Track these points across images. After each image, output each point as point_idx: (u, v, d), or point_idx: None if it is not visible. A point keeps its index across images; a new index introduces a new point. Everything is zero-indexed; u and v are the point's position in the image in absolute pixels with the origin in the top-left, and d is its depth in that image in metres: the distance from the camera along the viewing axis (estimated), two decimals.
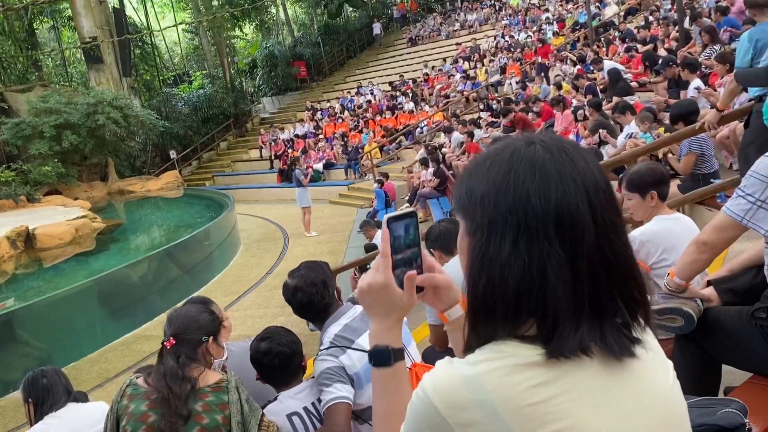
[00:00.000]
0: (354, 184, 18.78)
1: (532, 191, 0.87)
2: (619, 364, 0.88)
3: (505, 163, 0.91)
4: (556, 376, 0.84)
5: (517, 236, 0.87)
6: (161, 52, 36.35)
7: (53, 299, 9.27)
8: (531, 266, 0.86)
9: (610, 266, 0.88)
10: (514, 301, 0.87)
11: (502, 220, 0.88)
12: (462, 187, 0.97)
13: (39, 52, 28.56)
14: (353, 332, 2.42)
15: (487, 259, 0.89)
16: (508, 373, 0.84)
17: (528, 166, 0.89)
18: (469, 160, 1.01)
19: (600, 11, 20.17)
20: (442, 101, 20.54)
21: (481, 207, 0.91)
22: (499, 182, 0.90)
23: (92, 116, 21.39)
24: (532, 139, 0.93)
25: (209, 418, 2.18)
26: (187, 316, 2.38)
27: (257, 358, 2.53)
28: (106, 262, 12.11)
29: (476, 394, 0.84)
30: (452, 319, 1.19)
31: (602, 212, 0.88)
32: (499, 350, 0.88)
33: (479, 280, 0.90)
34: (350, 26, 35.98)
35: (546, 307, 0.86)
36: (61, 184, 21.70)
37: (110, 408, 2.26)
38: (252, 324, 8.54)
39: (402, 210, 1.11)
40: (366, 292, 1.10)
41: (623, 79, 11.00)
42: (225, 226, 14.07)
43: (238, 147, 28.89)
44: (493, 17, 28.56)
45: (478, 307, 0.91)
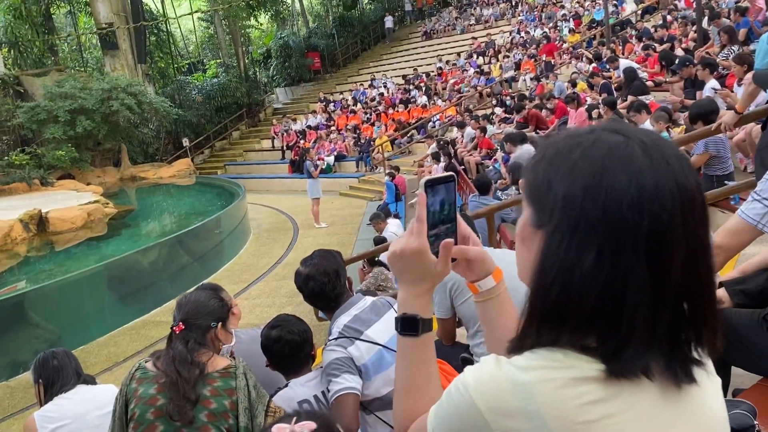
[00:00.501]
0: (365, 177, 18.78)
1: (626, 201, 0.78)
2: (675, 390, 0.82)
3: (598, 162, 0.81)
4: (613, 394, 0.79)
5: (602, 247, 0.78)
6: (176, 39, 36.42)
7: (64, 282, 9.36)
8: (614, 281, 0.78)
9: (693, 290, 0.82)
10: (589, 314, 0.80)
11: (587, 227, 0.79)
12: (538, 174, 0.87)
13: (55, 37, 28.69)
14: (362, 323, 2.42)
15: (566, 265, 0.80)
16: (563, 386, 0.78)
17: (624, 171, 0.79)
18: (549, 144, 0.90)
19: (617, 9, 20.01)
20: (455, 96, 20.47)
21: (563, 206, 0.81)
22: (588, 183, 0.80)
23: (106, 102, 21.50)
24: (629, 135, 0.83)
25: (217, 403, 2.19)
26: (196, 301, 2.39)
27: (268, 345, 2.54)
28: (117, 247, 12.19)
29: (526, 403, 0.78)
30: (483, 290, 1.13)
31: (695, 230, 0.80)
32: (554, 358, 0.81)
33: (553, 286, 0.82)
34: (365, 18, 35.90)
35: (619, 325, 0.79)
36: (74, 168, 21.84)
37: (119, 391, 2.28)
38: (260, 313, 8.58)
39: (440, 174, 1.06)
40: (398, 257, 1.05)
41: (639, 78, 10.92)
42: (236, 215, 14.13)
43: (250, 137, 28.96)
44: (509, 13, 28.41)
45: (546, 313, 0.83)
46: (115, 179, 23.37)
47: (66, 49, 32.06)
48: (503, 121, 14.38)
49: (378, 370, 2.34)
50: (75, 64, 30.64)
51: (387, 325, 2.44)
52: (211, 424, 2.16)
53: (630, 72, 10.98)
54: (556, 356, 0.81)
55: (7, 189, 19.09)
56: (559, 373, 0.79)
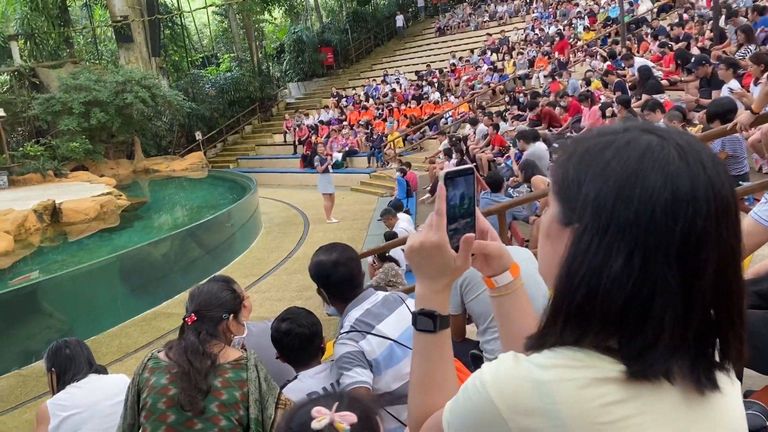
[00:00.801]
0: (376, 173, 18.78)
1: (660, 206, 0.76)
2: (697, 395, 0.81)
3: (633, 163, 0.79)
4: (633, 395, 0.77)
5: (633, 251, 0.77)
6: (190, 33, 36.55)
7: (76, 273, 9.44)
8: (642, 285, 0.77)
9: (722, 297, 0.80)
10: (615, 316, 0.79)
11: (618, 230, 0.78)
12: (569, 171, 0.85)
13: (71, 29, 28.89)
14: (374, 318, 2.42)
15: (595, 267, 0.79)
16: (584, 386, 0.77)
17: (659, 174, 0.77)
18: (580, 140, 0.88)
19: (633, 7, 19.86)
20: (468, 92, 20.41)
21: (594, 207, 0.80)
22: (621, 185, 0.78)
23: (121, 95, 21.64)
24: (664, 136, 0.81)
25: (228, 394, 2.21)
26: (209, 293, 2.40)
27: (278, 338, 2.56)
28: (130, 239, 12.28)
29: (545, 402, 0.77)
30: (500, 285, 1.11)
31: (728, 238, 0.78)
32: (575, 357, 0.80)
33: (579, 287, 0.80)
34: (379, 14, 35.83)
35: (645, 328, 0.78)
36: (88, 160, 22.01)
37: (132, 380, 2.30)
38: (270, 306, 8.61)
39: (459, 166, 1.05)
40: (417, 251, 1.03)
41: (654, 77, 10.84)
42: (247, 209, 14.18)
43: (262, 131, 29.04)
44: (523, 9, 28.26)
45: (571, 313, 0.82)
46: (128, 171, 23.53)
47: (81, 42, 32.25)
48: (516, 119, 14.33)
49: (388, 365, 2.35)
50: (90, 57, 30.82)
51: (398, 320, 2.44)
52: (222, 414, 2.18)
53: (645, 70, 10.90)
54: (576, 355, 0.80)
55: (22, 180, 19.28)
56: (579, 373, 0.78)
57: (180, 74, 32.38)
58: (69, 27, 28.52)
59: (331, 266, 2.46)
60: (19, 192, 17.15)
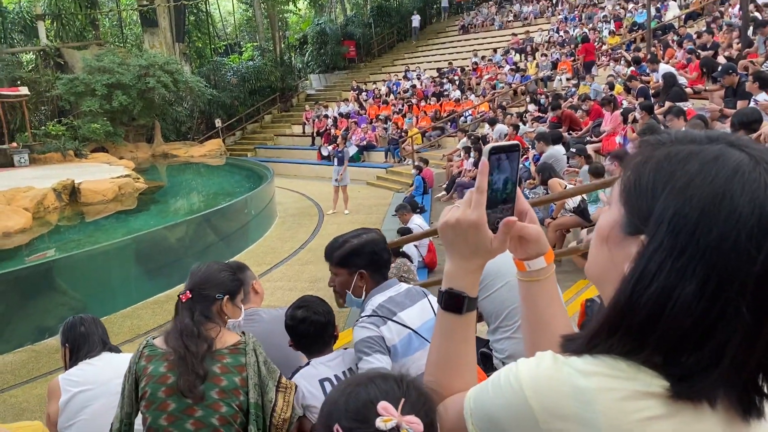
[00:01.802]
0: (392, 168, 18.78)
1: (746, 232, 0.71)
2: (739, 422, 0.78)
3: (721, 182, 0.73)
4: (674, 413, 0.75)
5: (709, 276, 0.72)
6: (215, 20, 36.68)
7: (92, 253, 9.55)
8: (711, 312, 0.73)
9: None
10: (678, 339, 0.75)
11: (696, 253, 0.72)
12: (643, 176, 0.80)
13: (97, 12, 29.11)
14: (397, 305, 2.42)
15: (665, 288, 0.74)
16: (625, 398, 0.75)
17: (748, 198, 0.71)
18: (659, 143, 0.83)
19: (660, 13, 19.66)
20: (489, 91, 20.33)
21: (672, 224, 0.74)
22: (706, 206, 0.73)
23: (143, 78, 21.80)
24: (755, 155, 0.75)
25: (227, 380, 2.18)
26: (206, 272, 2.37)
27: (292, 325, 2.56)
28: (146, 222, 12.39)
29: (583, 409, 0.75)
30: (531, 270, 1.06)
31: None
32: (617, 367, 0.77)
33: (645, 305, 0.76)
34: (403, 9, 35.74)
35: (702, 353, 0.74)
36: (108, 142, 22.22)
37: (128, 368, 2.28)
38: (281, 296, 8.65)
39: (505, 141, 1.01)
40: (452, 227, 0.98)
41: (678, 84, 10.72)
42: (263, 198, 14.25)
43: (282, 121, 29.12)
44: (549, 11, 28.07)
45: (630, 329, 0.78)
46: (147, 155, 23.72)
47: (107, 24, 32.49)
48: (536, 120, 14.26)
49: (405, 354, 2.35)
50: (115, 40, 31.06)
51: (420, 311, 2.44)
52: (223, 401, 2.16)
53: (669, 77, 10.79)
54: (619, 365, 0.77)
55: (43, 158, 19.52)
56: (621, 384, 0.76)
57: (203, 61, 32.54)
58: (95, 9, 28.74)
59: (363, 243, 2.48)
60: (39, 170, 17.36)
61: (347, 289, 2.51)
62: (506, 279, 2.95)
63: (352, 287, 2.50)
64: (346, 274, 2.50)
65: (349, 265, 2.48)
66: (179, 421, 2.14)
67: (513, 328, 2.99)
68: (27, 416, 5.76)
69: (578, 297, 6.07)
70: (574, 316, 4.10)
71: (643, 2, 19.28)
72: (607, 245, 0.85)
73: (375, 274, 2.50)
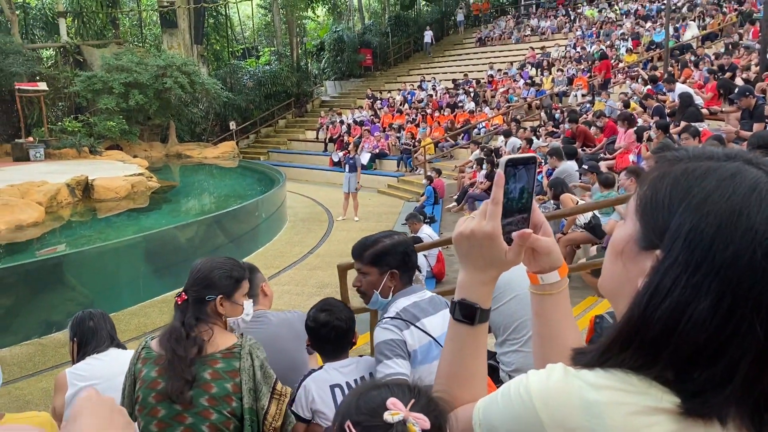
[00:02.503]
0: (404, 177, 18.79)
1: (762, 249, 0.71)
2: None
3: (738, 200, 0.73)
4: (684, 428, 0.75)
5: (724, 293, 0.72)
6: (234, 24, 36.95)
7: (102, 249, 9.61)
8: (725, 328, 0.72)
9: None
10: (691, 355, 0.75)
11: (712, 269, 0.72)
12: (659, 191, 0.80)
13: (118, 11, 29.42)
14: (421, 311, 2.40)
15: (679, 304, 0.74)
16: (635, 413, 0.75)
17: (766, 216, 0.72)
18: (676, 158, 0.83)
19: (678, 33, 19.61)
20: (503, 104, 20.33)
21: (688, 240, 0.74)
22: (723, 222, 0.73)
23: (160, 78, 21.97)
24: None
25: (218, 387, 2.12)
26: (200, 271, 2.30)
27: (314, 328, 2.54)
28: (157, 220, 12.46)
29: (593, 423, 0.75)
30: (544, 283, 1.06)
31: None
32: (628, 381, 0.77)
33: (658, 320, 0.76)
34: (421, 20, 35.86)
35: (714, 370, 0.74)
36: (122, 140, 22.39)
37: (128, 369, 2.27)
38: (288, 300, 8.66)
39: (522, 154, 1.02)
40: (467, 238, 0.98)
41: (694, 105, 10.69)
42: (274, 202, 14.29)
43: (296, 126, 29.23)
44: (566, 27, 28.07)
45: (643, 344, 0.78)
46: (161, 155, 23.86)
47: (127, 24, 32.81)
48: (550, 135, 14.23)
49: (424, 361, 2.33)
50: (134, 39, 31.36)
51: (442, 321, 2.41)
52: (213, 408, 2.10)
53: (686, 97, 10.75)
54: (630, 380, 0.77)
55: (58, 153, 19.68)
56: (632, 398, 0.76)
57: (220, 63, 32.77)
58: (116, 8, 29.05)
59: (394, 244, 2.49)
60: (53, 165, 17.50)
61: (375, 289, 2.47)
62: (516, 292, 2.94)
63: (381, 287, 2.46)
64: (376, 273, 2.46)
65: (380, 264, 2.46)
66: (169, 428, 2.10)
67: (521, 342, 2.97)
68: (31, 409, 5.77)
69: (587, 313, 6.03)
70: (583, 332, 4.07)
71: (662, 21, 19.25)
72: (621, 259, 0.85)
73: (404, 276, 2.49)
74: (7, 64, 20.69)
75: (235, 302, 2.31)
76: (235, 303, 2.31)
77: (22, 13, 26.92)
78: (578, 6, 31.09)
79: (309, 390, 2.43)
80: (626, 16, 25.70)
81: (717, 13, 20.33)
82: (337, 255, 10.88)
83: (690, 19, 20.84)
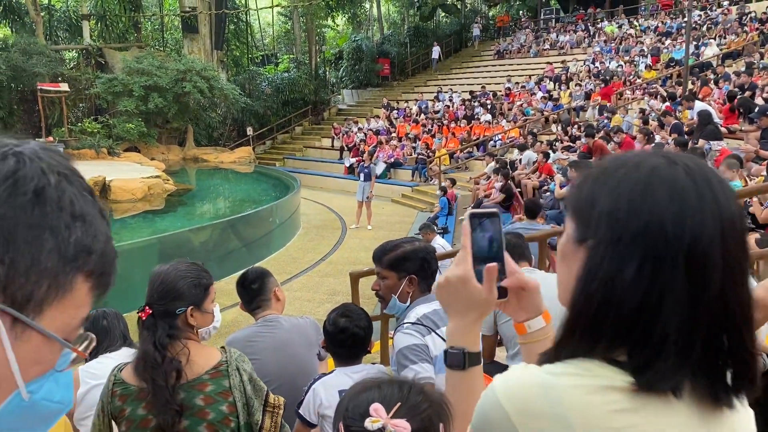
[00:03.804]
0: (418, 187, 18.79)
1: (668, 217, 0.81)
2: (710, 412, 0.83)
3: (642, 180, 0.84)
4: (641, 405, 0.80)
5: (644, 261, 0.81)
6: (254, 31, 37.27)
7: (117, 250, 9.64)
8: (651, 293, 0.80)
9: (729, 312, 0.82)
10: (626, 326, 0.82)
11: (630, 241, 0.82)
12: (583, 191, 0.90)
13: (141, 15, 29.78)
14: (440, 319, 2.39)
15: (608, 277, 0.83)
16: (592, 393, 0.80)
17: (667, 189, 0.82)
18: (595, 165, 0.94)
19: (699, 50, 19.51)
20: (520, 117, 20.30)
21: (607, 222, 0.84)
22: (632, 198, 0.83)
23: (180, 83, 22.18)
24: (674, 160, 0.86)
25: (214, 412, 2.00)
26: (164, 282, 2.10)
27: (332, 332, 2.54)
28: (172, 223, 12.55)
29: (553, 406, 0.81)
30: (531, 331, 1.12)
31: (734, 253, 0.82)
32: (584, 368, 0.83)
33: (594, 297, 0.84)
34: (440, 31, 35.97)
35: (652, 338, 0.81)
36: (141, 142, 22.60)
37: (99, 405, 2.11)
38: (299, 306, 8.67)
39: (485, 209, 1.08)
40: (443, 287, 1.06)
41: (713, 123, 10.61)
42: (288, 208, 14.35)
43: (312, 133, 29.36)
44: (585, 42, 28.01)
45: (586, 324, 0.85)
46: (178, 158, 24.05)
47: (149, 28, 33.20)
48: (566, 149, 14.18)
49: (441, 370, 2.32)
50: (155, 43, 31.70)
51: None
52: None
53: (705, 115, 10.68)
54: (585, 364, 0.84)
55: (77, 154, 19.88)
56: (588, 381, 0.81)
57: (239, 69, 33.04)
58: (139, 12, 29.41)
59: (411, 252, 2.49)
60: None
61: (393, 293, 2.47)
62: None
63: (399, 292, 2.46)
64: (395, 278, 2.47)
65: (399, 269, 2.46)
66: None
67: None
68: None
69: None
70: None
71: (682, 39, 19.16)
72: (565, 262, 0.92)
73: (423, 282, 2.49)
74: (31, 64, 21.01)
75: (205, 311, 2.15)
76: (206, 312, 2.15)
77: (47, 14, 27.36)
78: (598, 21, 31.04)
79: (318, 394, 2.43)
80: (645, 33, 25.64)
81: (740, 31, 20.23)
82: (350, 263, 10.89)
83: (710, 37, 20.75)
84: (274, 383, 2.54)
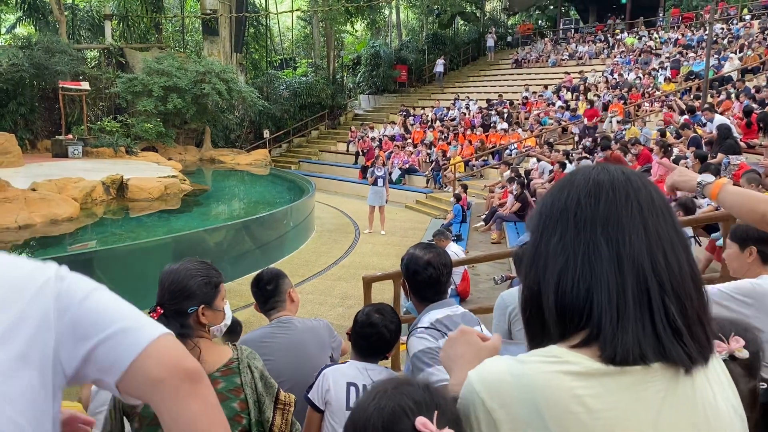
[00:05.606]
0: (432, 194, 18.78)
1: (583, 195, 0.96)
2: (676, 379, 0.87)
3: (567, 179, 1.02)
4: (608, 390, 0.85)
5: (564, 231, 0.95)
6: (273, 34, 37.53)
7: (132, 248, 9.76)
8: (575, 256, 0.92)
9: (663, 276, 0.90)
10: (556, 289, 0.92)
11: (553, 220, 0.97)
12: (536, 208, 1.05)
13: (162, 16, 30.07)
14: (453, 325, 2.38)
15: (537, 254, 0.97)
16: (559, 378, 0.86)
17: (584, 178, 0.99)
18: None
19: (719, 64, 19.36)
20: (536, 127, 20.24)
21: (539, 213, 1.01)
22: (556, 191, 1.00)
23: (199, 84, 22.34)
24: (597, 164, 1.03)
25: (226, 409, 1.98)
26: (175, 281, 2.11)
27: (361, 322, 2.57)
28: (187, 223, 12.62)
29: (522, 392, 0.86)
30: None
31: (656, 225, 0.94)
32: (552, 354, 0.89)
33: (528, 274, 0.98)
34: (458, 39, 35.99)
35: (591, 300, 0.89)
36: (158, 142, 22.77)
37: (112, 400, 2.12)
38: (311, 309, 8.68)
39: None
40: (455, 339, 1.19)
41: (732, 137, 10.52)
42: (303, 211, 14.38)
43: (328, 138, 29.47)
44: (604, 53, 27.90)
45: (530, 303, 0.97)
46: (195, 158, 24.20)
47: (170, 29, 33.51)
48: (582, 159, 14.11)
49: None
50: (176, 44, 31.99)
51: None
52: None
53: (725, 129, 10.59)
54: (554, 352, 0.90)
55: (95, 152, 20.10)
56: (556, 366, 0.87)
57: (257, 72, 33.25)
58: (161, 14, 29.70)
59: (423, 265, 2.45)
60: (90, 163, 17.89)
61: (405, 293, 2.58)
62: None
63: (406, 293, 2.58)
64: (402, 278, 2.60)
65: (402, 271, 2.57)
66: None
67: None
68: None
69: None
70: None
71: (702, 52, 19.03)
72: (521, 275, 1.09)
73: (415, 290, 2.54)
74: (53, 62, 21.27)
75: (216, 309, 2.16)
76: (217, 310, 2.16)
77: (70, 14, 27.72)
78: (617, 33, 30.92)
79: (326, 378, 2.44)
80: (665, 45, 25.49)
81: (759, 46, 20.05)
82: (362, 267, 10.89)
83: (731, 51, 20.58)
84: (286, 384, 2.55)
